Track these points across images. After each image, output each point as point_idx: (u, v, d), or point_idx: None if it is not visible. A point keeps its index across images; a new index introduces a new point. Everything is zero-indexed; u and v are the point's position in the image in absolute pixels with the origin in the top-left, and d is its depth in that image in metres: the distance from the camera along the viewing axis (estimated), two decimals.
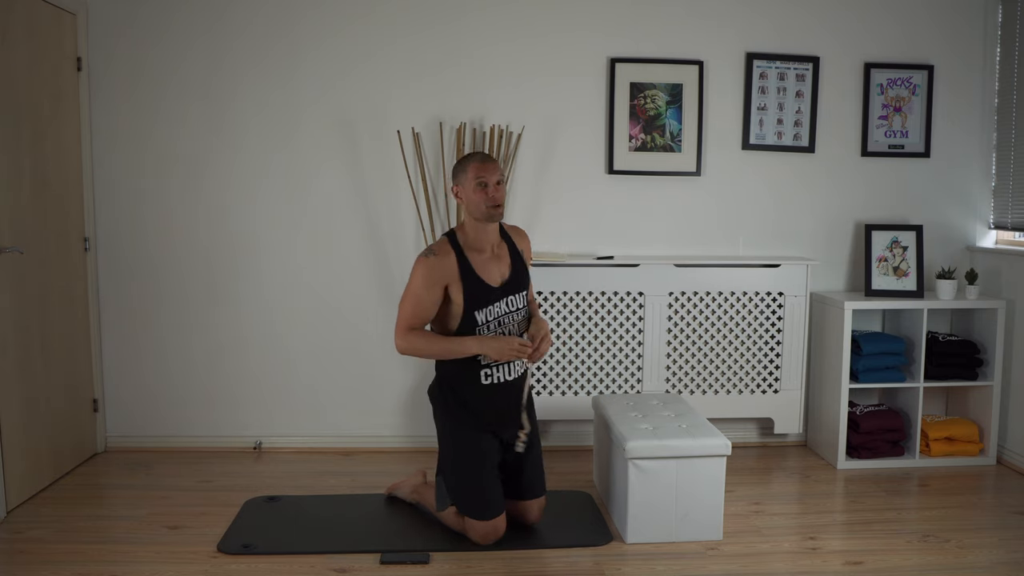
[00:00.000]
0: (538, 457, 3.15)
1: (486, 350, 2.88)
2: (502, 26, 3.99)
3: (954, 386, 4.18)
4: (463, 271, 2.90)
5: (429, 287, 2.88)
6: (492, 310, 2.93)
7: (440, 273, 2.88)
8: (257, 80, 3.94)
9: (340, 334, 4.08)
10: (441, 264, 2.89)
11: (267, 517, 3.26)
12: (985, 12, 4.16)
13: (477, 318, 2.91)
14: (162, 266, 4.00)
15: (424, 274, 2.88)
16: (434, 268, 2.88)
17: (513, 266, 3.01)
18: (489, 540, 2.99)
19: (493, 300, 2.93)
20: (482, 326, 2.93)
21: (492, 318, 2.94)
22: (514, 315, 2.99)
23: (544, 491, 3.16)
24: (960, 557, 2.99)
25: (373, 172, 4.01)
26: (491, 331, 2.94)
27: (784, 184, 4.18)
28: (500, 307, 2.95)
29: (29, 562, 2.88)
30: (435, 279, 2.88)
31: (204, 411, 4.08)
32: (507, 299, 2.96)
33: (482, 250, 2.96)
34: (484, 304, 2.92)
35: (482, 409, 3.00)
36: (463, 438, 3.00)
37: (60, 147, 3.69)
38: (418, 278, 2.88)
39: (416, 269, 2.90)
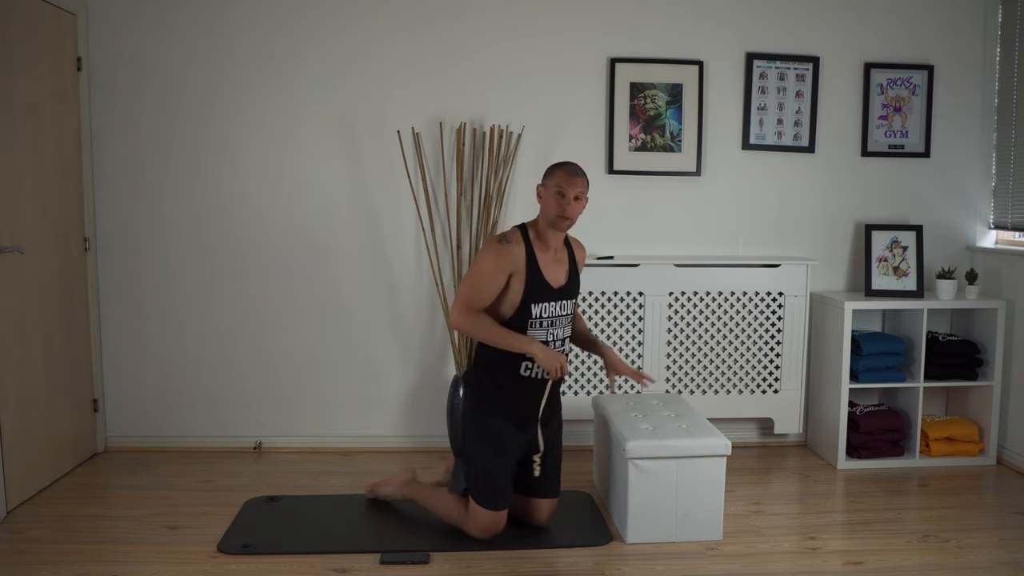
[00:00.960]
0: (557, 459, 3.17)
1: (536, 352, 2.92)
2: (502, 26, 3.99)
3: (954, 386, 4.18)
4: (529, 263, 2.96)
5: (496, 271, 2.92)
6: (547, 307, 2.99)
7: (509, 260, 2.93)
8: (258, 80, 3.94)
9: (340, 334, 4.08)
10: (512, 252, 2.94)
11: (267, 517, 3.26)
12: (985, 12, 4.16)
13: (532, 311, 2.97)
14: (162, 266, 4.00)
15: (494, 259, 2.92)
16: (505, 255, 2.93)
17: (570, 273, 3.09)
18: (488, 534, 3.00)
19: (549, 299, 3.00)
20: (535, 320, 2.98)
21: (546, 315, 3.00)
22: (563, 319, 3.06)
23: (558, 493, 3.18)
24: (960, 557, 2.99)
25: (373, 172, 4.01)
26: (542, 327, 3.00)
27: (784, 184, 4.18)
28: (554, 307, 3.01)
29: (29, 562, 2.88)
30: (503, 265, 2.92)
31: (204, 411, 4.08)
32: (560, 303, 3.03)
33: (547, 250, 3.03)
34: (541, 299, 2.98)
35: (512, 399, 3.02)
36: (489, 424, 3.02)
37: (60, 147, 3.69)
38: (488, 261, 2.93)
39: (487, 252, 2.95)
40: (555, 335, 3.03)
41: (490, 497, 2.99)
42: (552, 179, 2.97)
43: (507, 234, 3.00)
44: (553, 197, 2.94)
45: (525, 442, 3.07)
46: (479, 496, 3.00)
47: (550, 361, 2.91)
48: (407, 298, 4.07)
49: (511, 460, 3.05)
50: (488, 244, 2.98)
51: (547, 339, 3.01)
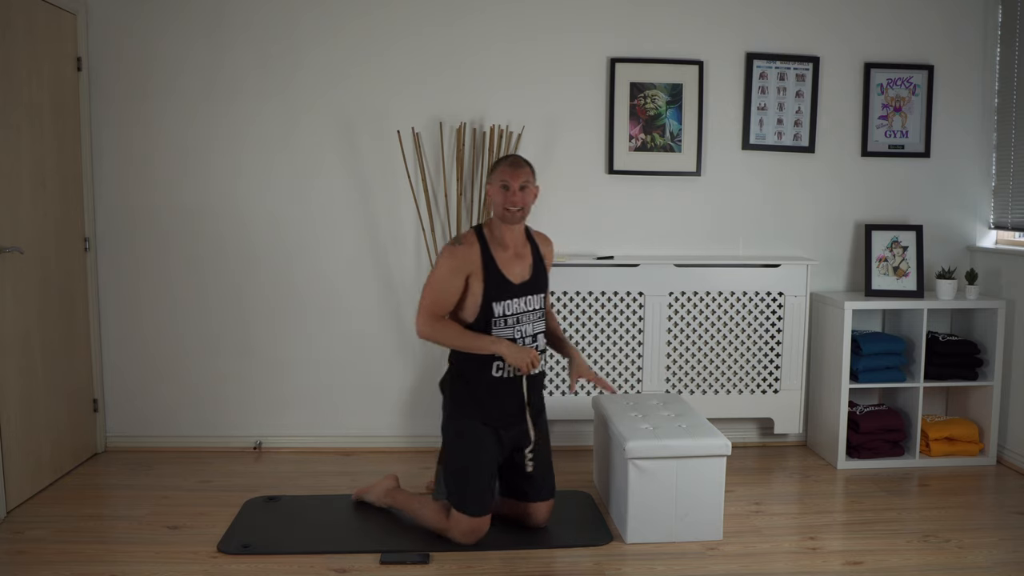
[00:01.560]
0: (547, 458, 3.16)
1: (503, 351, 2.92)
2: (502, 26, 3.99)
3: (954, 386, 4.18)
4: (485, 263, 2.97)
5: (453, 275, 2.94)
6: (510, 305, 2.99)
7: (464, 262, 2.95)
8: (258, 80, 3.95)
9: (340, 334, 4.08)
10: (466, 253, 2.96)
11: (267, 517, 3.26)
12: (985, 12, 4.16)
13: (495, 309, 2.97)
14: (162, 266, 4.00)
15: (449, 262, 2.95)
16: (459, 257, 2.95)
17: (534, 268, 3.08)
18: (471, 539, 2.99)
19: (512, 295, 3.00)
20: (499, 319, 2.98)
21: (510, 313, 2.99)
22: (530, 315, 3.05)
23: (553, 494, 3.17)
24: (960, 557, 2.99)
25: (373, 172, 4.01)
26: (507, 325, 2.99)
27: (784, 184, 4.18)
28: (518, 304, 3.01)
29: (29, 562, 2.88)
30: (459, 268, 2.94)
31: (204, 411, 4.08)
32: (525, 298, 3.03)
33: (505, 247, 3.03)
34: (502, 297, 2.98)
35: (489, 402, 3.01)
36: (466, 430, 3.01)
37: (60, 147, 3.69)
38: (443, 266, 2.96)
39: (442, 257, 2.98)
40: (523, 332, 3.03)
41: (470, 501, 2.96)
42: (496, 175, 2.99)
43: (460, 236, 3.02)
44: (499, 191, 2.97)
45: (509, 444, 3.05)
46: (459, 502, 2.98)
47: (518, 358, 2.91)
48: (407, 298, 4.07)
49: (490, 463, 3.01)
50: (443, 249, 3.00)
51: (514, 337, 3.00)
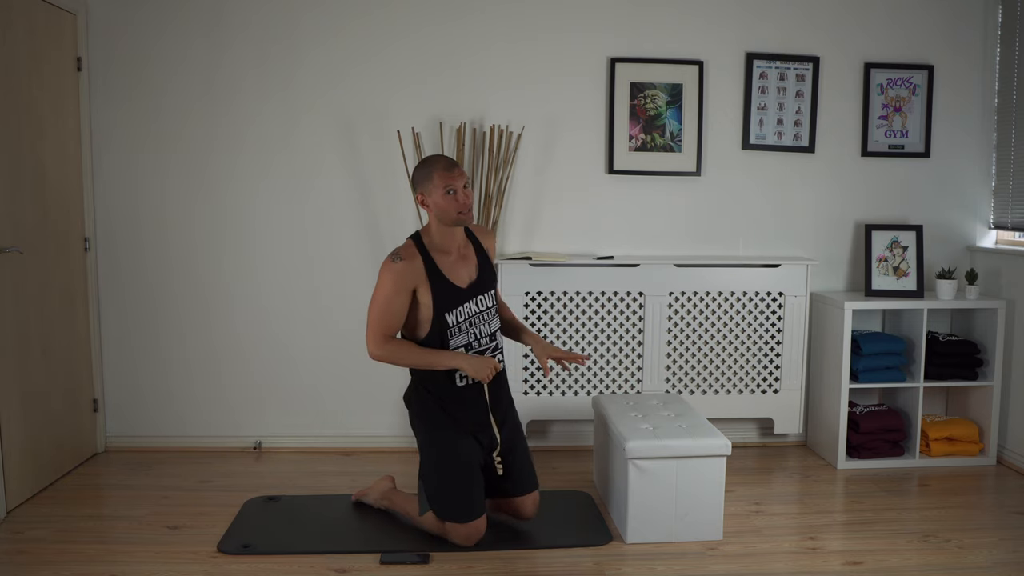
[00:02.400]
0: (524, 453, 3.14)
1: (464, 366, 2.87)
2: (502, 26, 3.99)
3: (954, 386, 4.18)
4: (431, 273, 2.89)
5: (397, 292, 2.85)
6: (462, 311, 2.94)
7: (408, 277, 2.86)
8: (257, 80, 3.95)
9: (340, 334, 4.08)
10: (408, 268, 2.86)
11: (267, 517, 3.26)
12: (985, 12, 4.16)
13: (447, 320, 2.91)
14: (162, 266, 4.00)
15: (392, 279, 2.85)
16: (402, 273, 2.85)
17: (480, 266, 3.03)
18: (472, 541, 2.98)
19: (462, 301, 2.93)
20: (453, 328, 2.93)
21: (463, 319, 2.94)
22: (484, 314, 3.00)
23: (536, 486, 3.15)
24: (960, 557, 2.99)
25: (373, 172, 4.01)
26: (462, 332, 2.94)
27: (784, 184, 4.18)
28: (470, 307, 2.96)
29: (29, 562, 2.88)
30: (403, 284, 2.86)
31: (204, 411, 4.08)
32: (476, 299, 2.97)
33: (448, 252, 2.96)
34: (454, 305, 2.92)
35: (457, 411, 2.99)
36: (442, 441, 2.99)
37: (60, 147, 3.69)
38: (386, 283, 2.85)
39: (383, 275, 2.86)
40: (479, 333, 2.99)
41: (460, 512, 2.94)
42: (432, 181, 2.86)
43: (399, 250, 2.90)
44: (444, 197, 2.85)
45: (487, 444, 3.04)
46: (449, 514, 2.96)
47: (479, 370, 2.85)
48: None
49: (470, 467, 2.99)
50: (383, 266, 2.87)
51: (471, 340, 2.97)
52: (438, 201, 2.87)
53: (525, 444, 3.18)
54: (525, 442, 3.19)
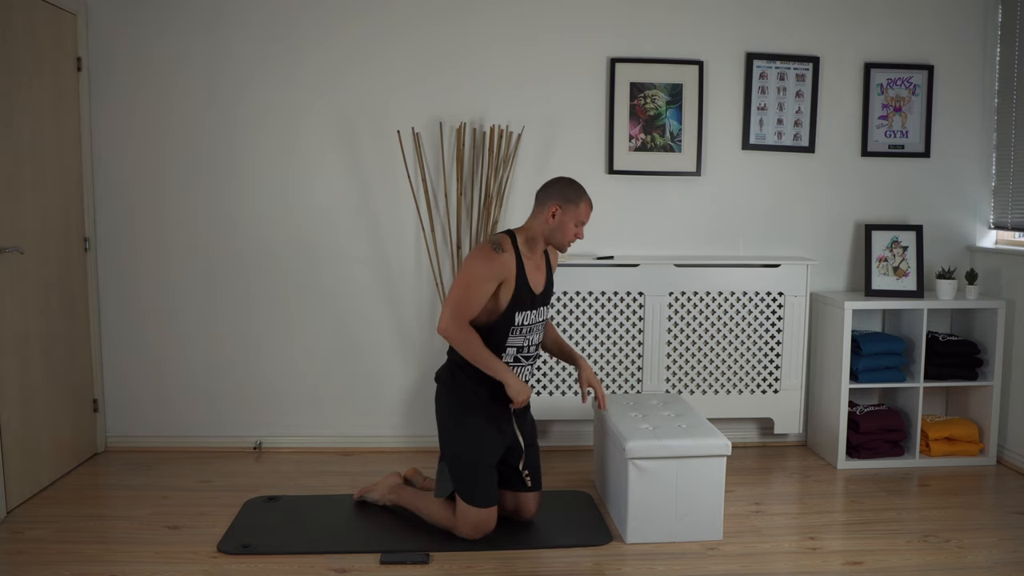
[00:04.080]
0: (537, 453, 3.22)
1: (511, 383, 2.94)
2: (502, 26, 3.99)
3: (954, 386, 4.18)
4: (519, 272, 2.97)
5: (488, 279, 2.91)
6: (528, 315, 3.02)
7: (503, 270, 2.93)
8: (257, 80, 3.94)
9: (340, 334, 4.08)
10: (506, 261, 2.94)
11: (267, 517, 3.26)
12: (985, 12, 4.16)
13: (516, 319, 2.99)
14: (162, 266, 4.00)
15: (487, 267, 2.90)
16: (500, 264, 2.92)
17: (547, 279, 3.12)
18: (479, 532, 2.99)
19: (533, 306, 3.03)
20: (516, 327, 3.00)
21: (527, 323, 3.03)
22: (540, 325, 3.10)
23: (541, 487, 3.21)
24: (960, 557, 2.99)
25: (373, 172, 4.01)
26: (521, 334, 3.03)
27: (784, 184, 4.18)
28: (534, 315, 3.05)
29: (29, 562, 2.88)
30: (496, 273, 2.92)
31: (204, 411, 4.08)
32: (539, 309, 3.07)
33: (531, 258, 3.05)
34: (525, 307, 3.01)
35: (490, 400, 3.03)
36: (472, 426, 3.02)
37: (60, 147, 3.69)
38: (480, 269, 2.90)
39: (479, 260, 2.91)
40: (531, 340, 3.08)
41: (477, 493, 2.98)
42: (576, 208, 2.98)
43: (500, 242, 2.97)
44: (572, 226, 2.99)
45: (504, 442, 3.08)
46: (466, 494, 2.99)
47: (518, 393, 2.95)
48: (407, 298, 4.07)
49: (493, 455, 3.04)
50: (480, 251, 2.93)
51: (524, 344, 3.05)
52: (566, 225, 2.99)
53: (537, 448, 3.24)
54: (537, 446, 3.25)
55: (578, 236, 3.02)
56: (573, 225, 2.99)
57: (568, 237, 3.00)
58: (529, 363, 3.12)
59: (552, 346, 3.28)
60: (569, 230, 2.99)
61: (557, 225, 2.99)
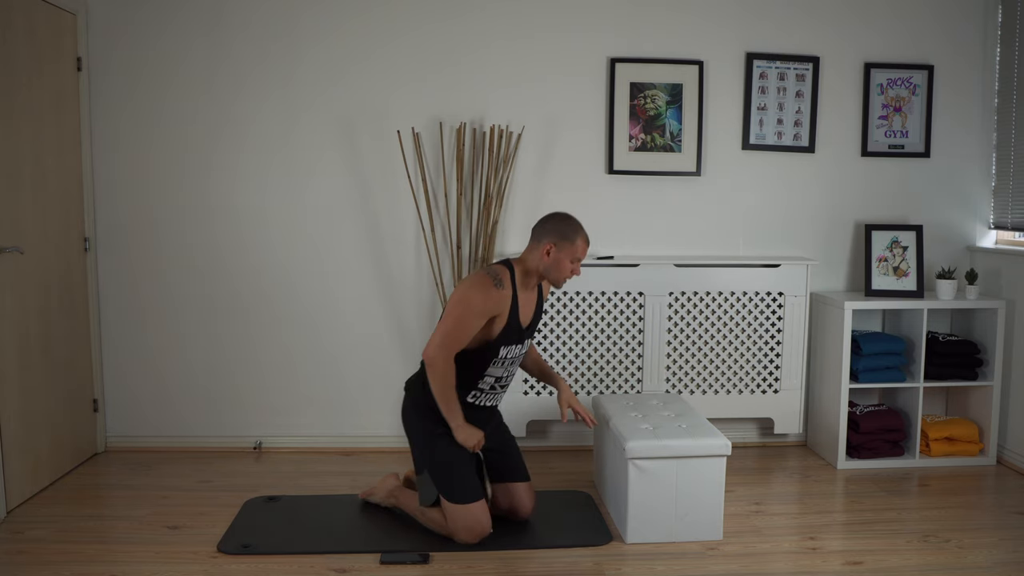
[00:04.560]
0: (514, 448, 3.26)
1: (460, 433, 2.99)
2: (502, 26, 3.99)
3: (954, 386, 4.18)
4: (512, 309, 2.99)
5: (483, 315, 2.92)
6: (512, 349, 3.06)
7: (497, 306, 2.94)
8: (257, 80, 3.95)
9: (340, 334, 4.08)
10: (502, 297, 2.95)
11: (267, 517, 3.26)
12: (985, 12, 4.16)
13: (501, 352, 3.03)
14: (162, 266, 4.00)
15: (483, 301, 2.90)
16: (496, 299, 2.93)
17: (536, 311, 3.14)
18: (474, 535, 2.99)
19: (518, 340, 3.06)
20: (499, 360, 3.04)
21: (511, 356, 3.07)
22: (520, 358, 3.13)
23: (528, 477, 3.22)
24: (960, 557, 2.99)
25: (373, 172, 4.01)
26: (502, 366, 3.06)
27: (784, 184, 4.18)
28: (517, 349, 3.08)
29: (29, 562, 2.88)
30: (490, 309, 2.93)
31: (204, 411, 4.08)
32: (524, 342, 3.10)
33: (525, 292, 3.07)
34: (512, 342, 3.03)
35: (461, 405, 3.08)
36: (442, 435, 3.05)
37: (60, 147, 3.69)
38: (476, 302, 2.90)
39: (477, 292, 2.90)
40: (510, 372, 3.13)
41: (457, 489, 2.99)
42: (572, 246, 2.98)
43: (501, 276, 2.97)
44: (567, 263, 3.00)
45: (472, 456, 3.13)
46: (448, 493, 3.00)
47: (466, 440, 2.99)
48: (407, 298, 4.07)
49: (469, 455, 3.06)
50: (481, 283, 2.92)
51: (504, 374, 3.10)
52: (561, 262, 2.99)
53: (514, 440, 3.30)
54: (513, 439, 3.30)
55: (575, 273, 3.02)
56: (569, 262, 3.00)
57: (564, 274, 3.01)
58: (503, 391, 3.19)
59: (533, 367, 3.32)
60: (565, 267, 3.00)
61: (552, 263, 2.99)
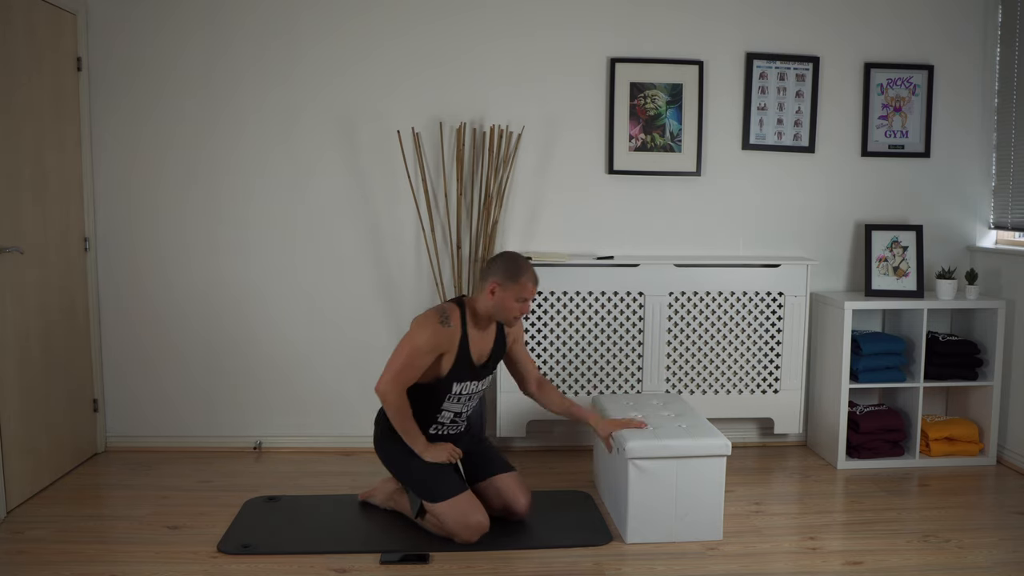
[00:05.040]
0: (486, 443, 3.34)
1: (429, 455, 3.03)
2: (502, 26, 3.99)
3: (954, 386, 4.18)
4: (461, 346, 3.04)
5: (431, 351, 2.98)
6: (467, 385, 3.11)
7: (445, 343, 3.00)
8: (256, 80, 3.95)
9: (340, 334, 4.08)
10: (450, 335, 3.01)
11: (267, 517, 3.26)
12: (985, 12, 4.16)
13: (454, 388, 3.09)
14: (162, 266, 4.00)
15: (431, 338, 2.97)
16: (443, 336, 2.99)
17: (494, 350, 3.17)
18: (471, 531, 2.98)
19: (472, 377, 3.11)
20: (454, 395, 3.11)
21: (464, 392, 3.13)
22: (478, 393, 3.20)
23: (513, 468, 3.24)
24: (960, 557, 2.99)
25: (373, 172, 4.01)
26: (459, 402, 3.13)
27: (784, 184, 4.18)
28: (473, 385, 3.14)
29: (29, 562, 2.88)
30: (438, 346, 2.99)
31: (204, 411, 4.08)
32: (481, 380, 3.16)
33: (478, 328, 3.11)
34: (464, 379, 3.09)
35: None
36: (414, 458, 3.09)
37: (60, 147, 3.69)
38: (424, 339, 2.96)
39: (424, 330, 2.97)
40: (469, 406, 3.20)
41: (439, 488, 3.01)
42: (516, 286, 2.98)
43: (449, 315, 3.02)
44: (514, 303, 3.01)
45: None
46: (430, 495, 3.02)
47: (436, 457, 3.04)
48: (407, 298, 4.07)
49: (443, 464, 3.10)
50: (428, 321, 2.98)
51: (462, 409, 3.17)
52: (508, 301, 3.01)
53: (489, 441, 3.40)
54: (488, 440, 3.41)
55: (523, 312, 3.03)
56: (515, 302, 3.00)
57: (511, 314, 3.02)
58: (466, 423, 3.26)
59: (560, 411, 3.29)
60: (511, 307, 3.01)
61: (498, 302, 3.01)
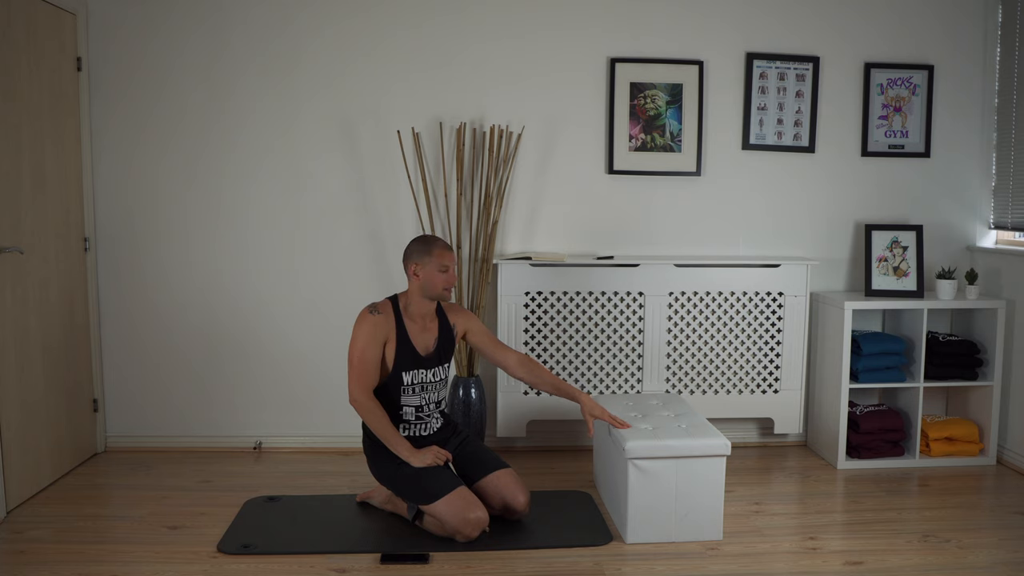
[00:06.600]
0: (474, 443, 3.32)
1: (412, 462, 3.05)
2: (502, 26, 3.99)
3: (954, 386, 4.18)
4: (399, 334, 3.13)
5: (372, 342, 3.07)
6: (418, 374, 3.16)
7: (381, 329, 3.09)
8: (257, 79, 3.95)
9: (340, 333, 4.07)
10: (383, 321, 3.10)
11: (267, 517, 3.26)
12: (985, 12, 4.16)
13: (404, 378, 3.14)
14: (162, 266, 4.00)
15: (368, 329, 3.08)
16: (378, 324, 3.09)
17: (440, 340, 3.23)
18: (469, 525, 2.97)
19: (420, 366, 3.16)
20: (407, 387, 3.16)
21: (417, 382, 3.17)
22: (437, 384, 3.23)
23: (507, 464, 3.24)
24: (960, 557, 2.99)
25: (373, 171, 4.01)
26: (415, 393, 3.18)
27: (784, 184, 4.18)
28: (425, 374, 3.18)
29: (29, 562, 2.88)
30: (377, 335, 3.08)
31: (204, 411, 4.08)
32: (433, 369, 3.20)
33: (415, 321, 3.18)
34: (412, 367, 3.15)
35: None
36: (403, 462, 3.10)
37: (60, 147, 3.69)
38: (363, 333, 3.07)
39: (360, 324, 3.09)
40: (428, 399, 3.21)
41: (431, 487, 3.02)
42: (430, 257, 3.10)
43: (378, 305, 3.14)
44: (437, 275, 3.11)
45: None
46: (423, 497, 3.03)
47: (422, 461, 3.05)
48: None
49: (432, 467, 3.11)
50: (359, 317, 3.10)
51: (423, 403, 3.20)
52: (431, 275, 3.12)
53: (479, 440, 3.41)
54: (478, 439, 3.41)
55: (450, 282, 3.13)
56: (438, 272, 3.11)
57: (439, 286, 3.12)
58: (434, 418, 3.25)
59: (550, 388, 3.32)
60: (437, 279, 3.11)
61: (424, 280, 3.12)
